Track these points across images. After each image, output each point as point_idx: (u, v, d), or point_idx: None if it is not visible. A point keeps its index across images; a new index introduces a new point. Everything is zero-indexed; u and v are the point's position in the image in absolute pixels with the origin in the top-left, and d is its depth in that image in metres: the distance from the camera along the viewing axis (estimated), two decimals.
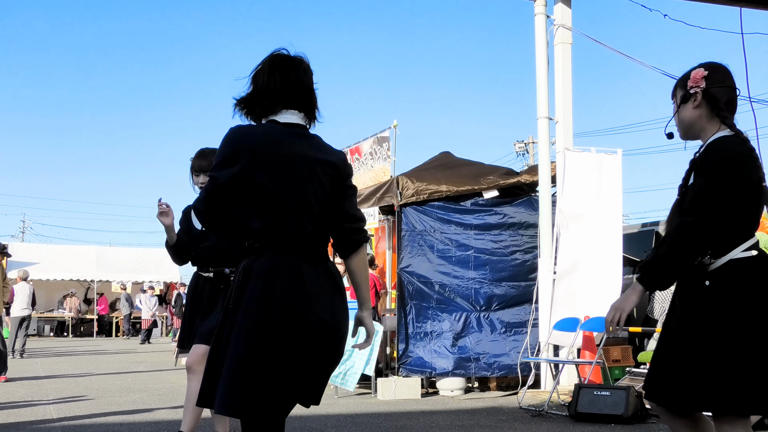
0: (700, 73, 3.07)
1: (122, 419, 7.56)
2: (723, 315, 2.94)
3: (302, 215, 2.90)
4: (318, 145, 3.02)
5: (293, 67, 3.03)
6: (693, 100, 3.08)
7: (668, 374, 3.06)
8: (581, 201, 9.64)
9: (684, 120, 3.14)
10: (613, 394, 7.16)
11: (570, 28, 10.13)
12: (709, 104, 3.06)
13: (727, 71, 3.11)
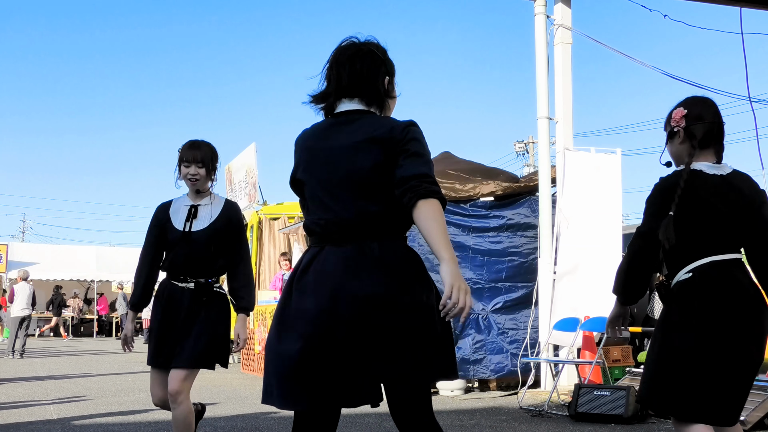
0: (680, 112, 3.42)
1: (122, 419, 7.56)
2: (662, 326, 3.33)
3: (338, 204, 2.79)
4: (365, 126, 2.86)
5: (348, 55, 2.94)
6: (678, 136, 3.42)
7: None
8: (581, 201, 9.64)
9: (673, 154, 3.50)
10: (613, 394, 7.16)
11: (570, 28, 10.13)
12: (688, 140, 3.39)
13: (705, 104, 3.43)
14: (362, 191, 2.78)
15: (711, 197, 3.27)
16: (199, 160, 4.58)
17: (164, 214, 4.61)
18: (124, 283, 30.66)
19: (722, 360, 3.13)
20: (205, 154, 4.62)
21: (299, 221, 14.93)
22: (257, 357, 12.56)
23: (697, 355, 3.14)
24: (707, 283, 3.23)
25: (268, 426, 7.12)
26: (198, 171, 4.58)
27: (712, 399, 3.14)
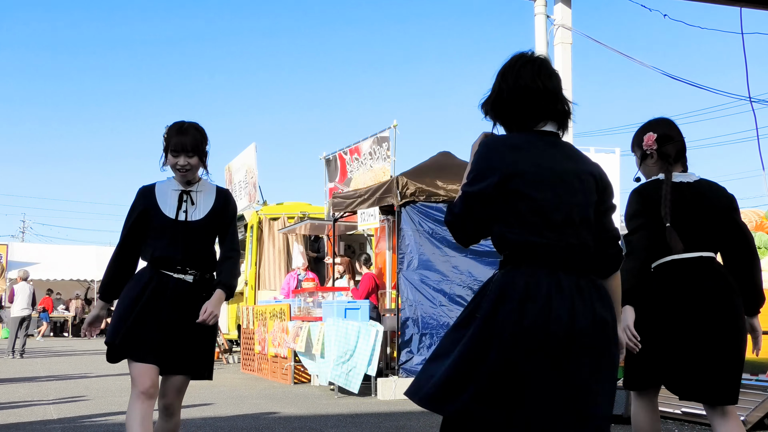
0: (651, 137, 3.93)
1: (122, 419, 7.55)
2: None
3: (565, 227, 2.72)
4: (575, 155, 2.88)
5: (543, 72, 2.95)
6: (651, 157, 3.95)
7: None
8: None
9: (646, 173, 4.01)
10: None
11: (570, 28, 10.13)
12: (662, 159, 3.92)
13: (669, 126, 3.99)
14: (587, 223, 2.78)
15: (678, 203, 3.77)
16: (189, 149, 4.08)
17: (150, 199, 4.13)
18: None
19: (665, 340, 3.73)
20: (194, 141, 4.13)
21: (299, 221, 14.94)
22: (257, 357, 12.57)
23: (649, 336, 3.72)
24: (665, 278, 3.77)
25: (268, 426, 7.13)
26: (188, 161, 4.09)
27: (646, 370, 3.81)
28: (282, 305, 11.61)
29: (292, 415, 7.89)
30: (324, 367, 9.34)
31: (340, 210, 11.69)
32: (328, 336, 9.37)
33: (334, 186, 13.27)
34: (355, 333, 9.15)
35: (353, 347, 9.12)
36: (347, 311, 9.55)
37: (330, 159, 13.54)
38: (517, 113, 2.87)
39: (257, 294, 15.43)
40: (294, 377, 10.92)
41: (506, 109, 2.88)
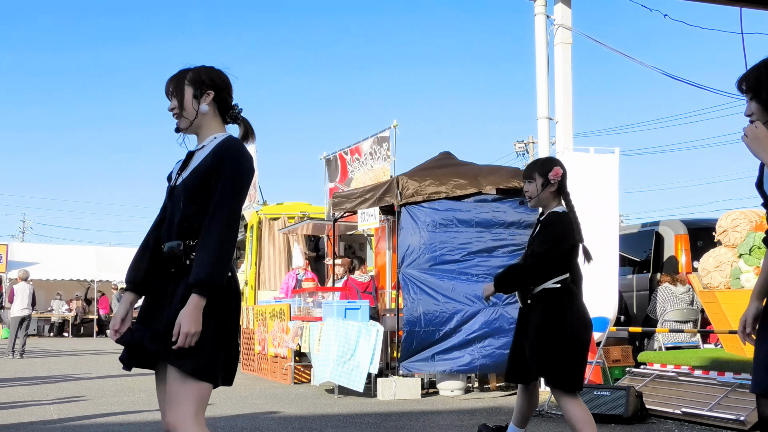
0: (559, 172, 4.87)
1: (122, 419, 7.56)
2: (536, 319, 4.76)
3: None
4: None
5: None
6: (552, 186, 4.84)
7: (510, 356, 4.99)
8: (580, 201, 9.61)
9: (542, 199, 4.89)
10: (613, 394, 7.16)
11: (570, 28, 10.13)
12: (559, 191, 4.88)
13: (563, 166, 4.95)
14: None
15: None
16: (170, 90, 3.43)
17: (171, 169, 3.54)
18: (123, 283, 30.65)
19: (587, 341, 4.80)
20: (173, 80, 3.45)
21: (299, 221, 14.94)
22: (257, 357, 12.56)
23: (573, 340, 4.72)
24: (571, 290, 4.79)
25: (268, 426, 7.12)
26: (173, 104, 3.42)
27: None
28: (282, 305, 11.61)
29: (291, 415, 7.89)
30: (324, 366, 9.33)
31: (340, 210, 11.69)
32: (327, 335, 9.37)
33: (335, 186, 13.27)
34: (356, 333, 9.14)
35: (354, 347, 9.12)
36: (347, 311, 9.54)
37: (330, 159, 13.54)
38: None
39: (257, 294, 15.42)
40: (294, 377, 10.91)
41: None
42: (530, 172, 4.92)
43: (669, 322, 10.05)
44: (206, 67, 3.46)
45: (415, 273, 9.74)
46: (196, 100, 3.38)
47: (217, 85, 3.42)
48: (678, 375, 7.76)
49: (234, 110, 3.49)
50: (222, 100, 3.45)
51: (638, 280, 11.73)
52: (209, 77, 3.42)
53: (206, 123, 3.42)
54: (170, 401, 3.12)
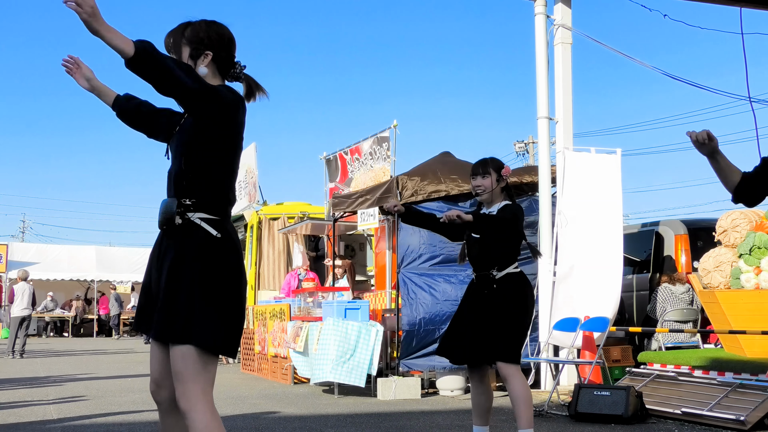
0: (509, 170, 5.28)
1: (122, 419, 7.56)
2: (506, 301, 5.06)
3: None
4: None
5: None
6: (503, 181, 5.21)
7: (463, 341, 5.14)
8: (581, 201, 9.64)
9: (494, 191, 5.20)
10: (613, 394, 7.16)
11: (570, 28, 10.13)
12: (506, 188, 5.28)
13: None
14: None
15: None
16: (169, 45, 3.29)
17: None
18: (125, 283, 30.66)
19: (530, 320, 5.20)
20: (173, 38, 3.30)
21: (299, 221, 14.94)
22: (257, 357, 12.56)
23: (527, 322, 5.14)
24: (525, 275, 5.22)
25: (268, 426, 7.12)
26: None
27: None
28: (282, 305, 11.60)
29: (291, 415, 7.89)
30: (322, 366, 9.33)
31: (340, 210, 11.70)
32: (326, 335, 9.36)
33: (335, 186, 13.26)
34: (356, 333, 9.15)
35: (353, 347, 9.11)
36: (347, 311, 9.54)
37: (330, 159, 13.53)
38: None
39: (257, 294, 15.42)
40: (294, 377, 10.91)
41: None
42: (485, 168, 5.22)
43: (669, 322, 10.05)
44: (206, 23, 3.29)
45: (415, 273, 9.76)
46: (192, 61, 3.22)
47: (215, 43, 3.26)
48: (678, 375, 7.76)
49: (236, 68, 3.34)
50: (222, 59, 3.28)
51: (638, 280, 11.74)
52: (208, 35, 3.25)
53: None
54: (177, 379, 2.99)
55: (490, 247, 5.14)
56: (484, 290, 5.14)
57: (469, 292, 5.32)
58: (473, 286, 5.29)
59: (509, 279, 5.10)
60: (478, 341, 5.05)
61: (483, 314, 5.08)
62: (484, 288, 5.14)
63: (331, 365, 9.17)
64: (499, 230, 5.08)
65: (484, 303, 5.11)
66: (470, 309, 5.20)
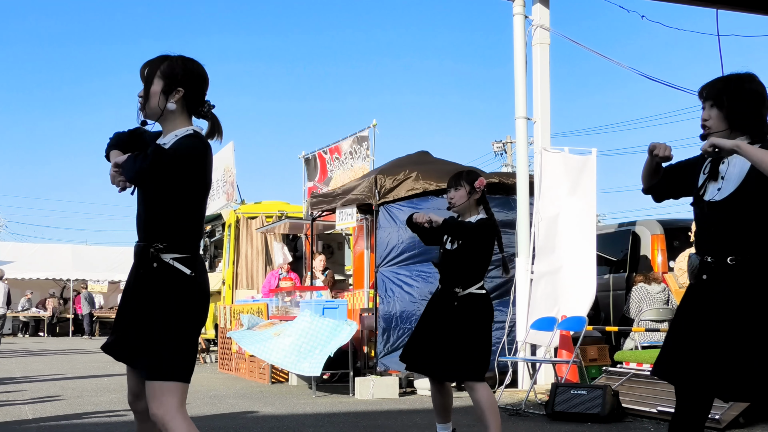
0: (483, 182, 5.20)
1: (98, 420, 7.52)
2: (464, 322, 5.05)
3: None
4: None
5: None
6: (476, 194, 5.19)
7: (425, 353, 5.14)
8: (557, 201, 9.68)
9: (465, 204, 5.20)
10: (589, 393, 7.20)
11: (548, 28, 10.17)
12: (481, 199, 5.26)
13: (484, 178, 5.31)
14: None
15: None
16: (144, 75, 3.35)
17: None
18: (101, 282, 30.48)
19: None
20: (149, 69, 3.35)
21: (277, 220, 14.91)
22: (234, 356, 12.52)
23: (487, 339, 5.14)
24: (489, 297, 5.21)
25: (246, 426, 7.10)
26: (142, 92, 3.37)
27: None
28: (260, 305, 11.58)
29: (269, 414, 7.87)
30: (275, 349, 9.13)
31: (318, 209, 11.68)
32: (296, 324, 9.27)
33: (314, 185, 13.26)
34: (329, 328, 9.09)
35: (325, 341, 9.03)
36: (325, 310, 9.53)
37: (309, 158, 13.53)
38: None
39: (234, 293, 15.38)
40: (271, 377, 10.89)
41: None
42: (457, 181, 5.24)
43: (645, 322, 10.11)
44: (183, 59, 3.36)
45: (393, 272, 9.77)
46: (164, 96, 3.30)
47: (189, 81, 3.34)
48: (653, 374, 7.80)
49: (204, 107, 3.41)
50: (192, 97, 3.36)
51: (615, 279, 11.80)
52: (183, 71, 3.32)
53: (171, 119, 3.36)
54: (151, 396, 3.17)
55: (457, 263, 5.18)
56: (448, 305, 5.16)
57: (433, 303, 5.34)
58: (437, 296, 5.32)
59: (471, 300, 5.11)
60: (441, 359, 5.07)
61: (446, 332, 5.10)
62: (447, 303, 5.18)
63: (290, 351, 9.00)
64: (467, 238, 5.11)
65: (447, 320, 5.13)
66: (433, 322, 5.21)
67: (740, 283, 3.24)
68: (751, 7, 11.71)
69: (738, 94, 3.33)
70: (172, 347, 3.18)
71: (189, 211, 3.31)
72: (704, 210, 3.41)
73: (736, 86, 3.35)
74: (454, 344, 5.03)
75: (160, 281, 3.24)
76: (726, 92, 3.36)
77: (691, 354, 3.28)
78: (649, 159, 3.50)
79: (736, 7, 11.63)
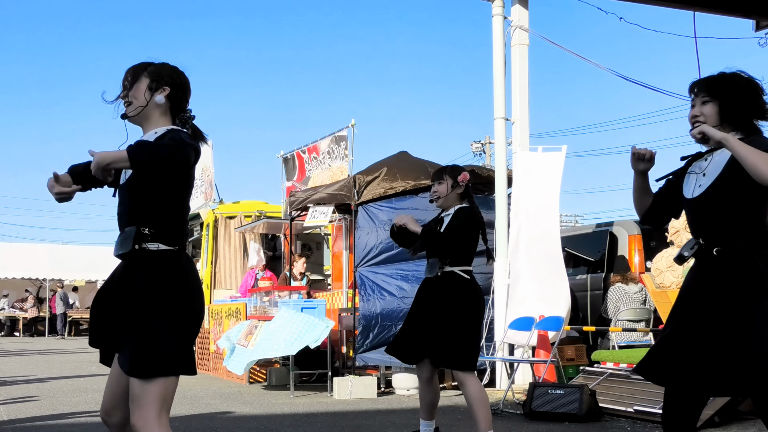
0: (466, 176, 5.31)
1: (74, 420, 7.46)
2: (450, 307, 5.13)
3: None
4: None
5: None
6: (459, 188, 5.30)
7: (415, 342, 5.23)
8: (533, 201, 9.71)
9: (450, 197, 5.30)
10: (567, 393, 7.22)
11: (527, 29, 10.19)
12: (463, 193, 5.34)
13: (473, 173, 5.57)
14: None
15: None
16: (127, 79, 3.38)
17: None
18: (78, 281, 30.26)
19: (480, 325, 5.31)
20: (133, 71, 3.38)
21: (255, 220, 14.86)
22: (212, 356, 12.47)
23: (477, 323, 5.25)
24: (476, 282, 5.26)
25: (224, 426, 7.07)
26: (124, 93, 3.39)
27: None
28: (238, 304, 11.53)
29: (247, 414, 7.84)
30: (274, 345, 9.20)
31: (297, 209, 11.65)
32: (275, 323, 9.28)
33: (292, 185, 13.21)
34: (306, 325, 9.07)
35: (299, 334, 9.02)
36: (304, 310, 9.51)
37: (288, 158, 13.48)
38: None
39: (213, 293, 15.31)
40: (249, 377, 10.85)
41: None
42: (440, 175, 5.37)
43: (622, 321, 10.17)
44: (169, 65, 3.39)
45: (372, 271, 9.78)
46: (150, 92, 3.30)
47: (175, 82, 3.35)
48: (631, 373, 7.84)
49: (185, 113, 3.40)
50: (176, 100, 3.36)
51: (592, 279, 11.85)
52: (169, 74, 3.35)
53: (154, 117, 3.33)
54: (134, 403, 3.08)
55: (443, 243, 5.26)
56: (434, 287, 5.23)
57: (421, 292, 5.38)
58: (425, 285, 5.36)
59: (455, 281, 5.18)
60: (432, 346, 5.13)
61: (436, 319, 5.14)
62: (433, 285, 5.24)
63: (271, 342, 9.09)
64: (442, 248, 5.20)
65: (437, 307, 5.18)
66: (423, 311, 5.27)
67: (724, 279, 3.29)
68: (728, 9, 11.83)
69: (733, 88, 3.39)
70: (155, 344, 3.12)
71: (178, 204, 3.27)
72: (689, 207, 3.48)
73: (730, 81, 3.41)
74: (449, 332, 5.07)
75: (144, 271, 3.16)
76: (720, 87, 3.41)
77: (679, 355, 3.30)
78: (636, 176, 3.56)
79: (714, 9, 11.73)
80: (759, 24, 12.41)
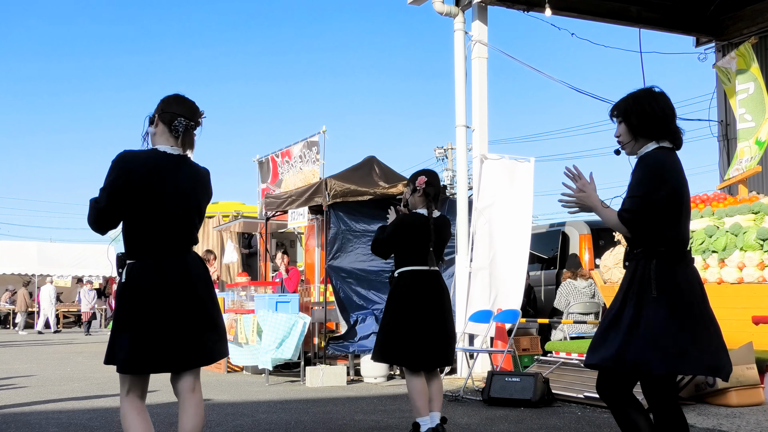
0: (423, 180, 5.29)
1: (61, 407, 7.37)
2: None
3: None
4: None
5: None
6: (418, 192, 5.31)
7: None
8: (496, 203, 9.78)
9: (413, 201, 5.33)
10: (522, 380, 7.27)
11: (486, 43, 10.25)
12: (424, 196, 5.29)
13: (435, 176, 5.41)
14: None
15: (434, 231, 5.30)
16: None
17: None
18: (65, 277, 29.89)
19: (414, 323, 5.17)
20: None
21: (233, 219, 14.79)
22: None
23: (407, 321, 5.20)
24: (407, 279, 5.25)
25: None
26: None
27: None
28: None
29: (224, 401, 7.80)
30: (260, 353, 9.27)
31: (272, 209, 11.62)
32: (263, 325, 9.31)
33: (267, 187, 13.16)
34: (286, 323, 9.10)
35: (283, 336, 9.07)
36: (278, 304, 9.49)
37: (263, 161, 13.42)
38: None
39: None
40: (227, 366, 10.79)
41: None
42: (408, 181, 5.52)
43: (573, 314, 10.24)
44: (169, 96, 3.80)
45: (341, 268, 9.80)
46: (150, 124, 3.76)
47: (163, 108, 3.73)
48: (581, 362, 7.91)
49: (176, 125, 3.71)
50: (169, 120, 3.71)
51: (546, 275, 11.94)
52: (161, 103, 3.77)
53: (156, 141, 3.75)
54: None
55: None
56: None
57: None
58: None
59: (399, 278, 5.35)
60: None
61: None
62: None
63: (266, 351, 9.15)
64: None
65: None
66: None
67: (636, 275, 3.60)
68: (670, 27, 12.02)
69: (634, 106, 3.51)
70: (111, 339, 3.70)
71: (133, 221, 3.64)
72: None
73: (633, 100, 3.54)
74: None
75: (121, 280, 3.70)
76: (624, 107, 3.56)
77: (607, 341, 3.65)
78: (587, 206, 3.59)
79: (657, 27, 11.91)
80: (699, 40, 12.61)
